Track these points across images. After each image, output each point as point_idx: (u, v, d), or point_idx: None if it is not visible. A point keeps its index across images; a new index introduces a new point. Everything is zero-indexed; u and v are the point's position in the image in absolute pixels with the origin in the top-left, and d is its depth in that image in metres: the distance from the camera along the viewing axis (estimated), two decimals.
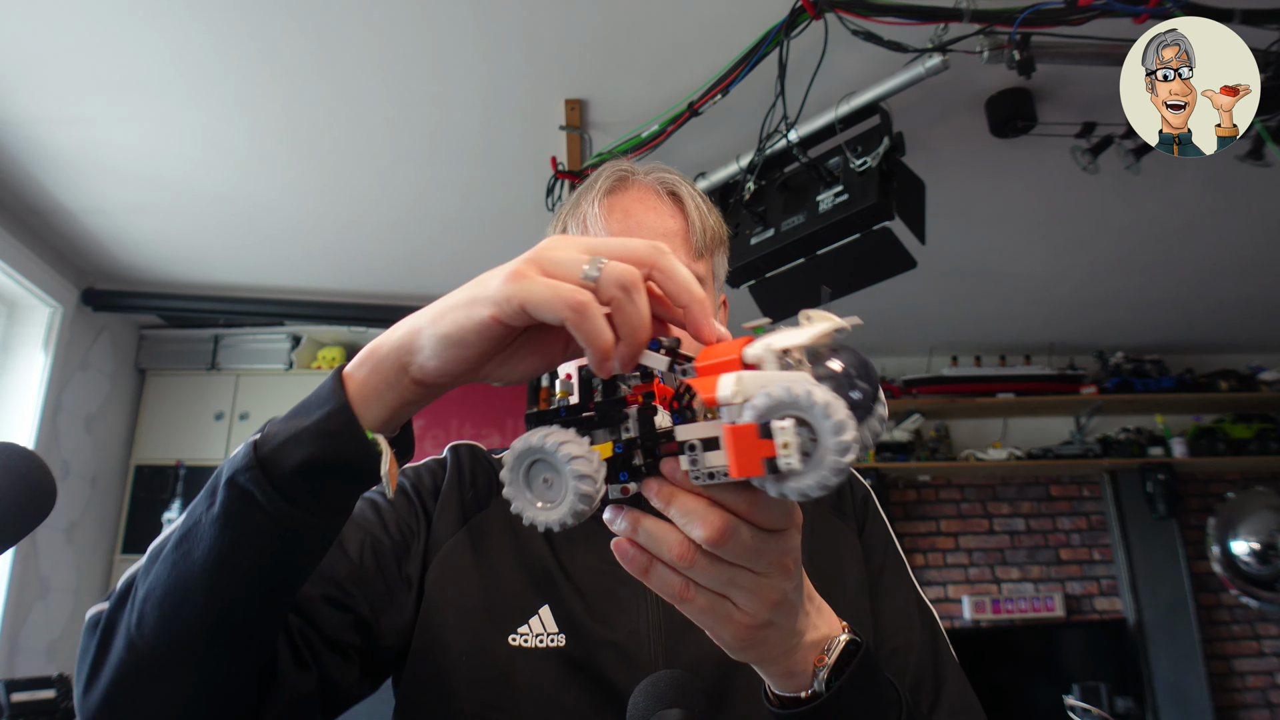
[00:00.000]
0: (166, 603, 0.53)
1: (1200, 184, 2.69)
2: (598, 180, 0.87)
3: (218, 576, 0.52)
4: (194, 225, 2.93)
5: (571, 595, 0.78)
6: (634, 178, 0.86)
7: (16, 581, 2.93)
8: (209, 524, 0.52)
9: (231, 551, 0.52)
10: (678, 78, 2.10)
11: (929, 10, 1.72)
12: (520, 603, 0.78)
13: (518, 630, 0.76)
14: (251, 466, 0.51)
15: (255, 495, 0.50)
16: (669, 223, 0.83)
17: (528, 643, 0.76)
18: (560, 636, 0.76)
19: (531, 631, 0.76)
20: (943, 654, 0.84)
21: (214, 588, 0.52)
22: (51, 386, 3.07)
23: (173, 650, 0.54)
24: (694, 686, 0.57)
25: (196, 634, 0.53)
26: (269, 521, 0.51)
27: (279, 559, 0.53)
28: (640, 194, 0.85)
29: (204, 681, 0.55)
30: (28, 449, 0.64)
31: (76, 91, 2.19)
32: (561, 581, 0.78)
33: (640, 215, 0.83)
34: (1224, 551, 4.03)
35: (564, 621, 0.76)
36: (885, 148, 1.90)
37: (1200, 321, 3.93)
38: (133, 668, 0.54)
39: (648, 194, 0.85)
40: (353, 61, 2.09)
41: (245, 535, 0.51)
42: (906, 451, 4.00)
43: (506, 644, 0.75)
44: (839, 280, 2.15)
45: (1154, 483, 3.92)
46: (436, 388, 0.51)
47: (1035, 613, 3.94)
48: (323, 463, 0.50)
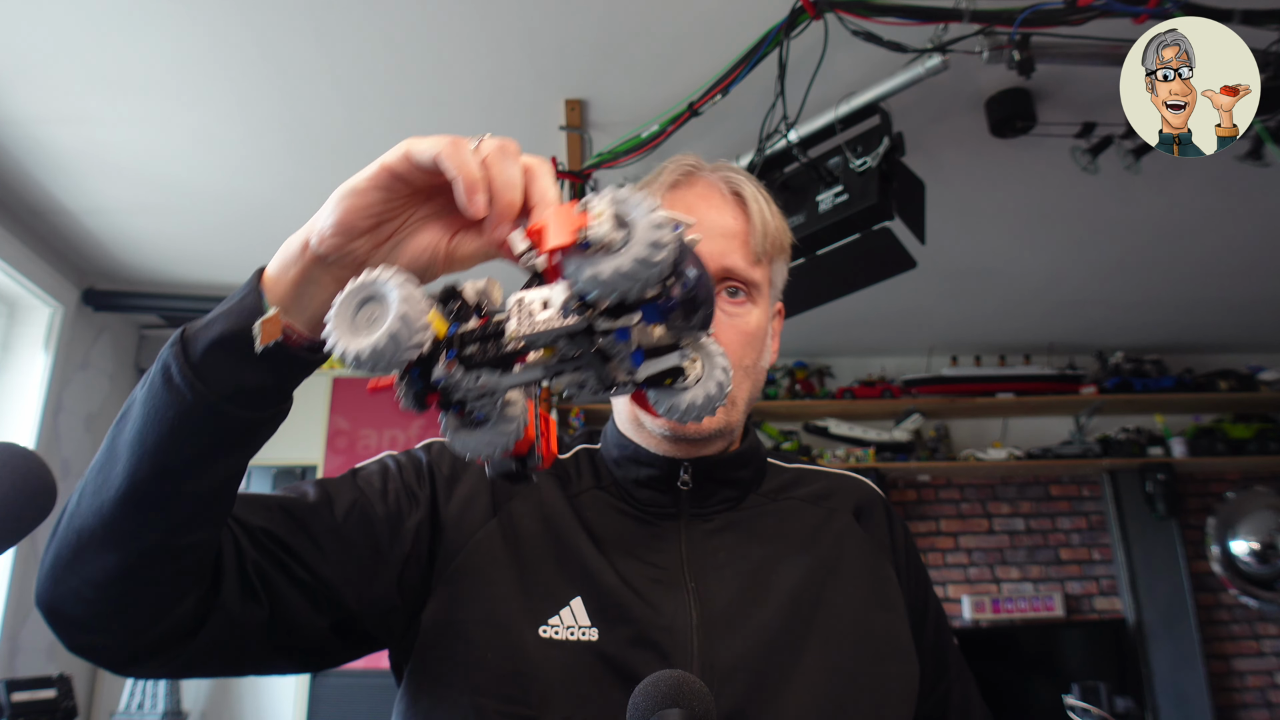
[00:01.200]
0: (96, 477, 0.56)
1: (1200, 184, 2.69)
2: (662, 173, 0.85)
3: (136, 449, 0.54)
4: (194, 225, 2.93)
5: (606, 588, 0.75)
6: (699, 174, 0.84)
7: (16, 581, 2.93)
8: (138, 402, 0.55)
9: (146, 425, 0.54)
10: (678, 78, 2.10)
11: (929, 10, 1.72)
12: (553, 592, 0.76)
13: (549, 621, 0.74)
14: (174, 343, 0.54)
15: (172, 369, 0.53)
16: (730, 222, 0.80)
17: (558, 634, 0.73)
18: (593, 630, 0.74)
19: (563, 623, 0.74)
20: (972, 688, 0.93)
21: (131, 461, 0.54)
22: (52, 386, 3.08)
23: (98, 522, 0.55)
24: (695, 687, 0.57)
25: (117, 506, 0.55)
26: (178, 398, 0.53)
27: (191, 439, 0.54)
28: (704, 190, 0.82)
29: (126, 564, 0.56)
30: (28, 449, 0.64)
31: (76, 91, 2.19)
32: (596, 574, 0.76)
33: (702, 211, 0.80)
34: (1224, 551, 4.03)
35: (597, 615, 0.74)
36: (885, 148, 1.90)
37: (1200, 321, 3.93)
38: (66, 541, 0.57)
39: (712, 191, 0.82)
40: (353, 61, 2.09)
41: (159, 409, 0.53)
42: (906, 451, 4.00)
43: (537, 635, 0.73)
44: (839, 280, 2.15)
45: (1154, 483, 3.92)
46: (334, 258, 0.53)
47: (1035, 613, 3.94)
48: (230, 338, 0.53)
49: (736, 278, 0.79)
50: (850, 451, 3.99)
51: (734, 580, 0.78)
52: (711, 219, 0.80)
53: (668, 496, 0.81)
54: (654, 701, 0.56)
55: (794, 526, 0.84)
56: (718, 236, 0.79)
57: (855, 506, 0.88)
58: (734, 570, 0.78)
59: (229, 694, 3.36)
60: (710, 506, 0.82)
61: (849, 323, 3.80)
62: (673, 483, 0.80)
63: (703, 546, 0.80)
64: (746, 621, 0.75)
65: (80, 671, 3.30)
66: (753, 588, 0.78)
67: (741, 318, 0.79)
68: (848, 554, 0.84)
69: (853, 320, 3.75)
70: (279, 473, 3.57)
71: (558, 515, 0.80)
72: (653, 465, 0.81)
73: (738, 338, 0.79)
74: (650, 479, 0.81)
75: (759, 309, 0.81)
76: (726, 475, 0.83)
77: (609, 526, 0.80)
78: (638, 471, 0.81)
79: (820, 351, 4.26)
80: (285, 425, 0.61)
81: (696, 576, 0.77)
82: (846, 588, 0.81)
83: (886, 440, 4.01)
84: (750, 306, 0.80)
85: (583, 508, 0.81)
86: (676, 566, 0.78)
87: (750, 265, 0.80)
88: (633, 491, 0.82)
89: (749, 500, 0.85)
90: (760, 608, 0.77)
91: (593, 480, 0.84)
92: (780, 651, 0.75)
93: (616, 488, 0.83)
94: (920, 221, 2.05)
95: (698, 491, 0.81)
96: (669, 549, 0.79)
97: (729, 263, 0.79)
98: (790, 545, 0.82)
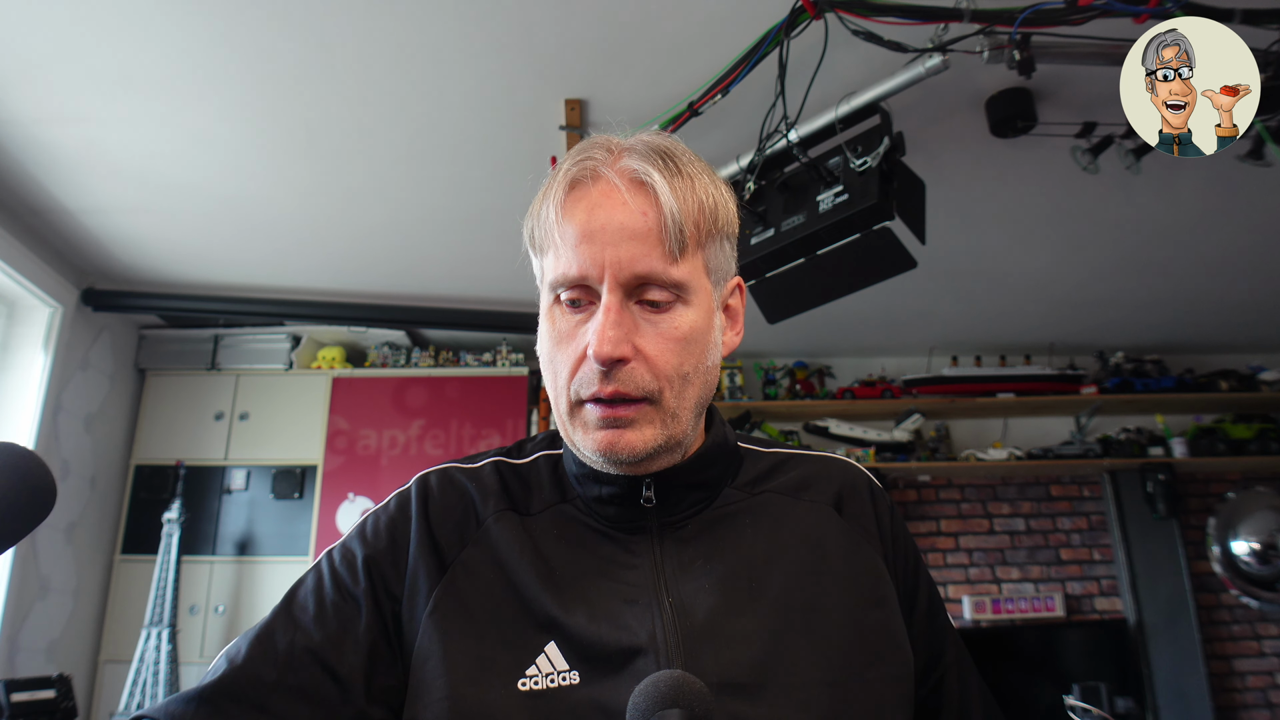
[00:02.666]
0: None
1: (1200, 184, 2.69)
2: (557, 173, 0.74)
3: None
4: (194, 225, 2.93)
5: (577, 627, 0.71)
6: (601, 167, 0.73)
7: (16, 581, 2.93)
8: None
9: None
10: (678, 78, 2.10)
11: (929, 10, 1.72)
12: (524, 641, 0.71)
13: (526, 673, 0.69)
14: None
15: None
16: (637, 222, 0.70)
17: (538, 684, 0.69)
18: (573, 674, 0.69)
19: (541, 672, 0.70)
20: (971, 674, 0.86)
21: None
22: (51, 386, 3.08)
23: None
24: (695, 687, 0.57)
25: None
26: None
27: None
28: (606, 188, 0.72)
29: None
30: (28, 449, 0.64)
31: (76, 91, 2.19)
32: (565, 613, 0.71)
33: (605, 214, 0.70)
34: (1224, 551, 4.02)
35: (574, 657, 0.70)
36: (885, 148, 1.90)
37: (1200, 321, 3.93)
38: None
39: (613, 189, 0.71)
40: (353, 61, 2.09)
41: None
42: (906, 451, 4.00)
43: (517, 690, 0.69)
44: (839, 280, 2.15)
45: (1154, 483, 3.92)
46: None
47: (1035, 613, 3.94)
48: None
49: (654, 282, 0.70)
50: (850, 452, 3.99)
51: (713, 591, 0.73)
52: (615, 221, 0.70)
53: (634, 511, 0.76)
54: (654, 702, 0.55)
55: (772, 526, 0.79)
56: (624, 240, 0.69)
57: (836, 494, 0.83)
58: (712, 580, 0.74)
59: None
60: (681, 512, 0.77)
61: (849, 323, 3.80)
62: (636, 499, 0.76)
63: (677, 559, 0.75)
64: (730, 634, 0.71)
65: (80, 671, 3.30)
66: (733, 597, 0.73)
67: (669, 323, 0.71)
68: (831, 551, 0.78)
69: (853, 320, 3.75)
70: (279, 472, 3.57)
71: (515, 554, 0.75)
72: (613, 484, 0.76)
73: (669, 346, 0.71)
74: (612, 496, 0.76)
75: (692, 308, 0.72)
76: (692, 479, 0.78)
77: (575, 548, 0.76)
78: (599, 489, 0.76)
79: (820, 351, 4.26)
80: (285, 425, 0.61)
81: (673, 590, 0.73)
82: (833, 589, 0.76)
83: (887, 440, 4.01)
84: (679, 308, 0.72)
85: (544, 531, 0.77)
86: (651, 583, 0.74)
87: (668, 265, 0.70)
88: (596, 508, 0.77)
89: (723, 496, 0.80)
90: (742, 618, 0.72)
91: (556, 494, 0.80)
92: (768, 663, 0.70)
93: (582, 502, 0.78)
94: (920, 221, 2.05)
95: (664, 501, 0.76)
96: (641, 564, 0.75)
97: (641, 269, 0.69)
98: (770, 547, 0.77)
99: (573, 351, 0.72)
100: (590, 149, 0.75)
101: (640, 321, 0.71)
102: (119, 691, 3.23)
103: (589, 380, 0.71)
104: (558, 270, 0.72)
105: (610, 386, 0.70)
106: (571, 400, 0.72)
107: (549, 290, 0.74)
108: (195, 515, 3.52)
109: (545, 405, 3.78)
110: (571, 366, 0.72)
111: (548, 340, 0.74)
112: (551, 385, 0.75)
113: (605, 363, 0.69)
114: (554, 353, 0.73)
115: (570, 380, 0.72)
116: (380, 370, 3.80)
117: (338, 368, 3.78)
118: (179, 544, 3.35)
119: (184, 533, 3.39)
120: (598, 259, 0.70)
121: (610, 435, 0.71)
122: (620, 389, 0.70)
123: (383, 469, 3.61)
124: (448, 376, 3.77)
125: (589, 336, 0.70)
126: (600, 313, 0.70)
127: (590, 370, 0.70)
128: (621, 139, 0.76)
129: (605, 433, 0.71)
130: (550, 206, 0.73)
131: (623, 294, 0.70)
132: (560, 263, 0.72)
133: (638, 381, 0.70)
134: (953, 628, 0.86)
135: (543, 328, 0.75)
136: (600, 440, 0.71)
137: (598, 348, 0.68)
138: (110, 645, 3.40)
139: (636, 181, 0.72)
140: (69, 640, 3.24)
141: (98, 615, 3.44)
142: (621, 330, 0.69)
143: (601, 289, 0.70)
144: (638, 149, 0.74)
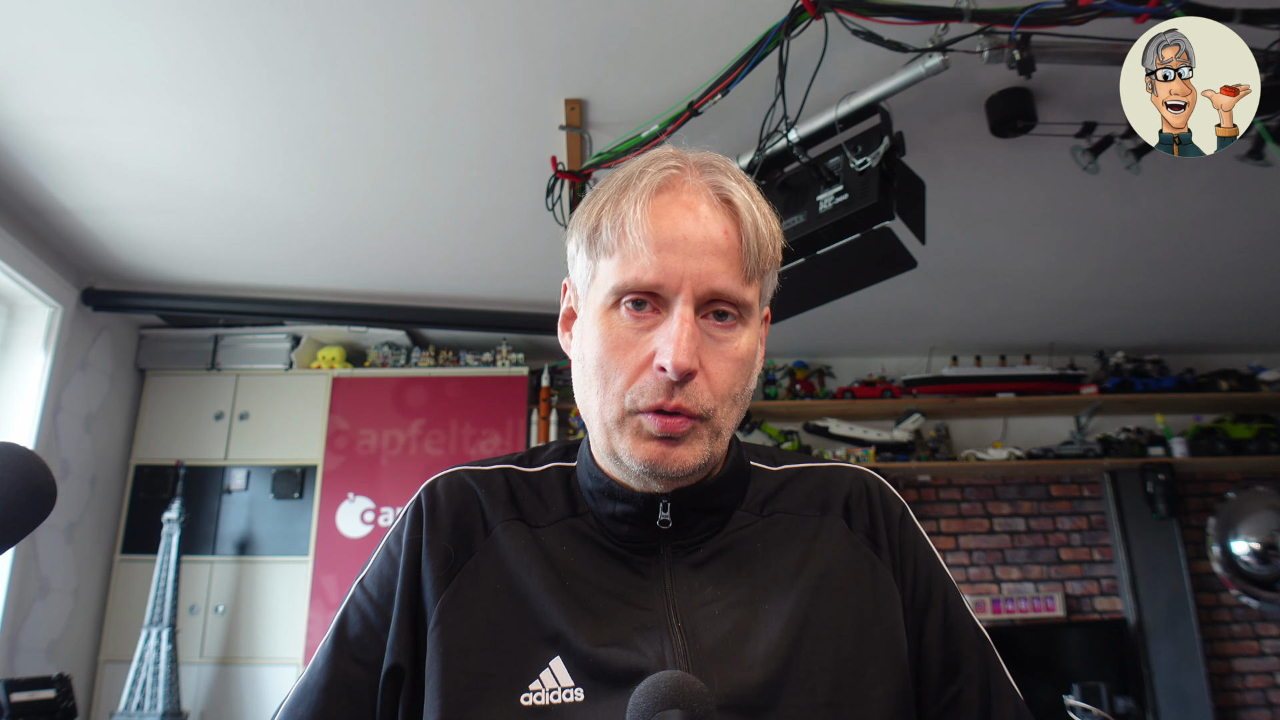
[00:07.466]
0: None
1: (1200, 184, 2.69)
2: (642, 176, 0.72)
3: None
4: (194, 225, 2.93)
5: (584, 644, 0.70)
6: (684, 176, 0.73)
7: (16, 581, 2.93)
8: None
9: None
10: (678, 78, 2.10)
11: (929, 10, 1.72)
12: (529, 654, 0.70)
13: (529, 688, 0.69)
14: None
15: None
16: (719, 238, 0.70)
17: (541, 699, 0.68)
18: (577, 690, 0.69)
19: (544, 686, 0.69)
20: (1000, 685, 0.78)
21: None
22: (51, 386, 3.08)
23: None
24: (695, 688, 0.57)
25: None
26: None
27: None
28: (690, 199, 0.71)
29: None
30: (28, 449, 0.64)
31: (76, 91, 2.19)
32: (572, 628, 0.71)
33: (689, 225, 0.70)
34: (1224, 551, 4.03)
35: (579, 673, 0.69)
36: (885, 147, 1.90)
37: (1200, 321, 3.93)
38: None
39: (698, 199, 0.71)
40: (352, 61, 2.09)
41: None
42: (906, 451, 4.00)
43: (520, 704, 0.68)
44: (839, 280, 2.15)
45: (1154, 483, 3.92)
46: None
47: (1035, 613, 3.94)
48: None
49: (726, 300, 0.71)
50: (850, 452, 3.99)
51: (723, 618, 0.73)
52: (700, 233, 0.70)
53: (648, 532, 0.76)
54: (654, 702, 0.55)
55: (781, 548, 0.78)
56: (706, 255, 0.69)
57: (844, 505, 0.81)
58: (722, 606, 0.73)
59: (229, 694, 3.36)
60: (693, 537, 0.76)
61: (849, 323, 3.80)
62: (652, 520, 0.75)
63: (688, 584, 0.74)
64: (738, 659, 0.71)
65: (80, 671, 3.30)
66: (741, 623, 0.73)
67: (731, 343, 0.71)
68: (837, 568, 0.77)
69: (853, 320, 3.75)
70: (279, 472, 3.57)
71: (524, 564, 0.74)
72: (629, 502, 0.75)
73: (729, 366, 0.71)
74: (626, 515, 0.75)
75: (749, 329, 0.73)
76: (709, 504, 0.77)
77: (584, 565, 0.75)
78: (613, 507, 0.76)
79: (820, 351, 4.26)
80: (285, 425, 0.61)
81: (683, 615, 0.72)
82: (840, 607, 0.75)
83: (887, 440, 4.01)
84: (740, 329, 0.72)
85: (553, 544, 0.76)
86: (661, 608, 0.73)
87: (742, 285, 0.71)
88: (609, 526, 0.76)
89: (734, 519, 0.79)
90: (750, 642, 0.72)
91: (567, 508, 0.79)
92: (776, 686, 0.70)
93: (594, 518, 0.77)
94: (921, 221, 2.05)
95: (678, 523, 0.75)
96: (653, 588, 0.74)
97: (719, 285, 0.70)
98: (779, 570, 0.76)
99: (633, 359, 0.70)
100: (666, 158, 0.74)
101: (705, 338, 0.70)
102: (119, 691, 3.23)
103: (650, 390, 0.69)
104: (628, 274, 0.70)
105: (676, 399, 0.69)
106: (626, 409, 0.71)
107: (611, 293, 0.71)
108: (195, 515, 3.52)
109: (545, 405, 3.78)
110: (630, 374, 0.70)
111: (599, 344, 0.72)
112: (600, 391, 0.72)
113: (681, 374, 0.68)
114: (607, 358, 0.71)
115: (627, 388, 0.70)
116: (380, 370, 3.80)
117: (338, 368, 3.78)
118: (179, 544, 3.34)
119: (184, 532, 3.38)
120: (677, 269, 0.69)
121: (661, 448, 0.70)
122: (683, 403, 0.69)
123: (383, 469, 3.61)
124: (448, 376, 3.76)
125: (659, 345, 0.69)
126: (676, 323, 0.68)
127: (653, 380, 0.69)
128: (688, 152, 0.76)
129: (656, 445, 0.70)
130: (635, 207, 0.71)
131: (694, 308, 0.70)
132: (632, 267, 0.70)
133: (699, 398, 0.69)
134: (979, 637, 0.80)
135: (592, 331, 0.73)
136: (650, 451, 0.70)
137: (676, 358, 0.67)
138: (110, 645, 3.40)
139: (723, 198, 0.72)
140: (69, 640, 3.24)
141: (98, 615, 3.44)
142: (695, 344, 0.69)
143: (676, 300, 0.69)
144: (717, 165, 0.74)
